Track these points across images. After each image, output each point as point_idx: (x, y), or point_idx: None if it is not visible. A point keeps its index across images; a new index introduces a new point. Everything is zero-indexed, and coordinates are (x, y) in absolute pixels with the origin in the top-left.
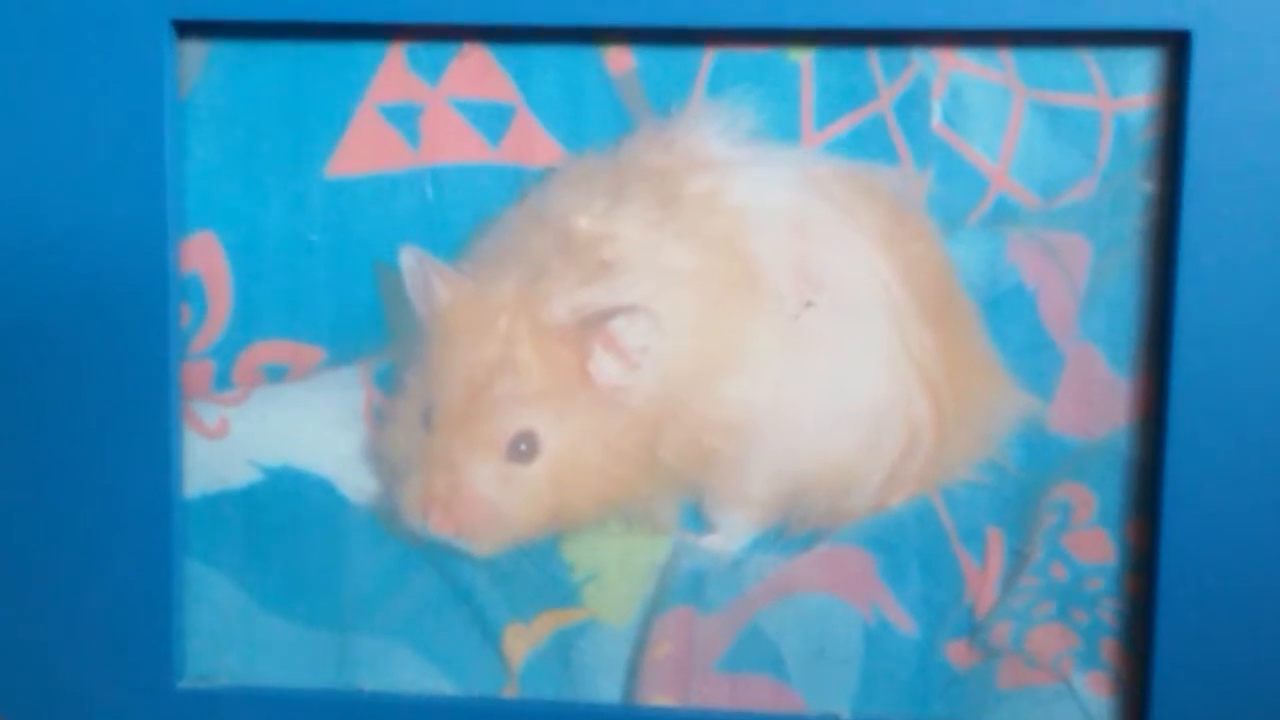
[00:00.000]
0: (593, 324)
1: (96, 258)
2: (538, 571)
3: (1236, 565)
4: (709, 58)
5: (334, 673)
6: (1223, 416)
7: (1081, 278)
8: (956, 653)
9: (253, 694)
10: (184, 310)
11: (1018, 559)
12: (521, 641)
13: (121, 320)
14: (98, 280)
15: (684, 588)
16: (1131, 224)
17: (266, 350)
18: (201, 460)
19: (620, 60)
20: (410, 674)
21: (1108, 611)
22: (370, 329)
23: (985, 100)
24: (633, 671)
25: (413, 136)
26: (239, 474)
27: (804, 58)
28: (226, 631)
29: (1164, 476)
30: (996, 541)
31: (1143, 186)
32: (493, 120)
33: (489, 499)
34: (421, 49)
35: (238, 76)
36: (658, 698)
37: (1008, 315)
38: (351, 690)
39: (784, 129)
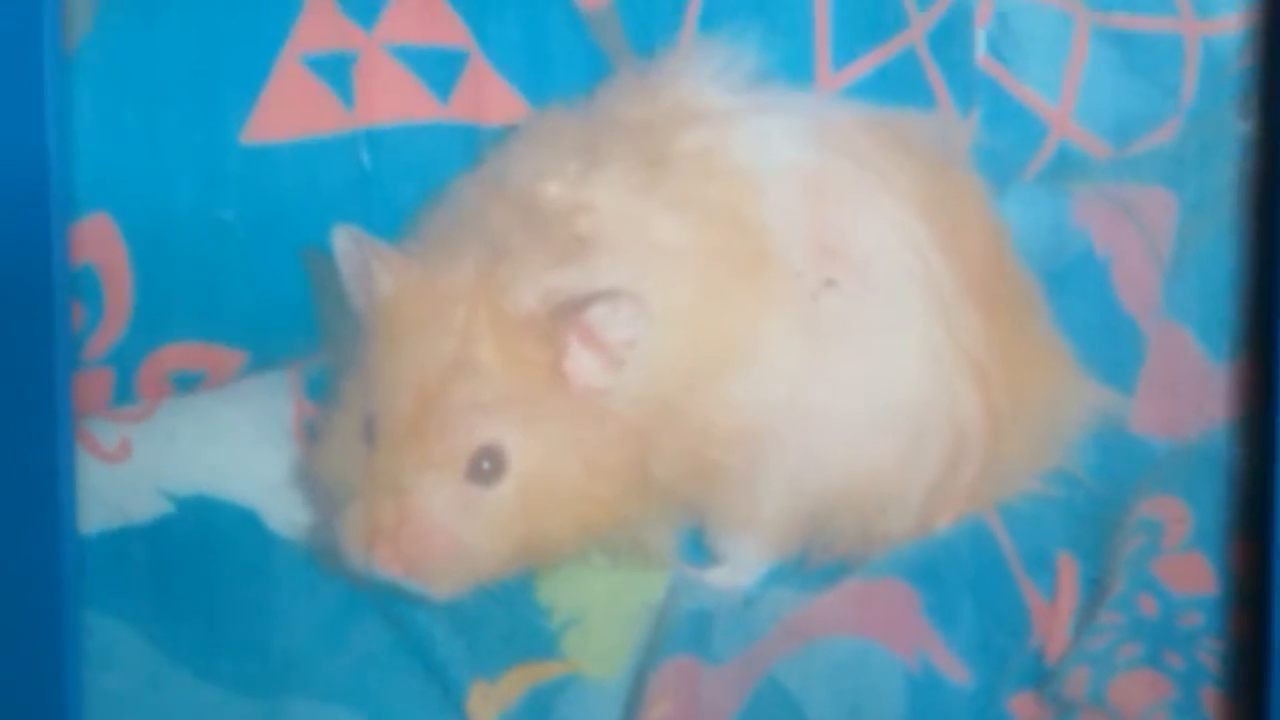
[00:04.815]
0: (567, 314)
1: None
2: (507, 617)
3: None
4: None
5: None
6: None
7: (1166, 242)
8: (1022, 707)
9: None
10: (76, 309)
11: (1095, 590)
12: (489, 703)
13: None
14: None
15: (685, 633)
16: (1225, 174)
17: (175, 355)
18: (99, 490)
19: None
20: None
21: (1208, 654)
22: (299, 327)
23: (1041, 27)
24: None
25: (345, 92)
26: (145, 506)
27: None
28: (133, 696)
29: (1276, 487)
30: (1069, 569)
31: (1237, 127)
32: (441, 70)
33: (446, 529)
34: None
35: (135, 25)
36: None
37: (1075, 290)
38: None
39: (794, 70)
